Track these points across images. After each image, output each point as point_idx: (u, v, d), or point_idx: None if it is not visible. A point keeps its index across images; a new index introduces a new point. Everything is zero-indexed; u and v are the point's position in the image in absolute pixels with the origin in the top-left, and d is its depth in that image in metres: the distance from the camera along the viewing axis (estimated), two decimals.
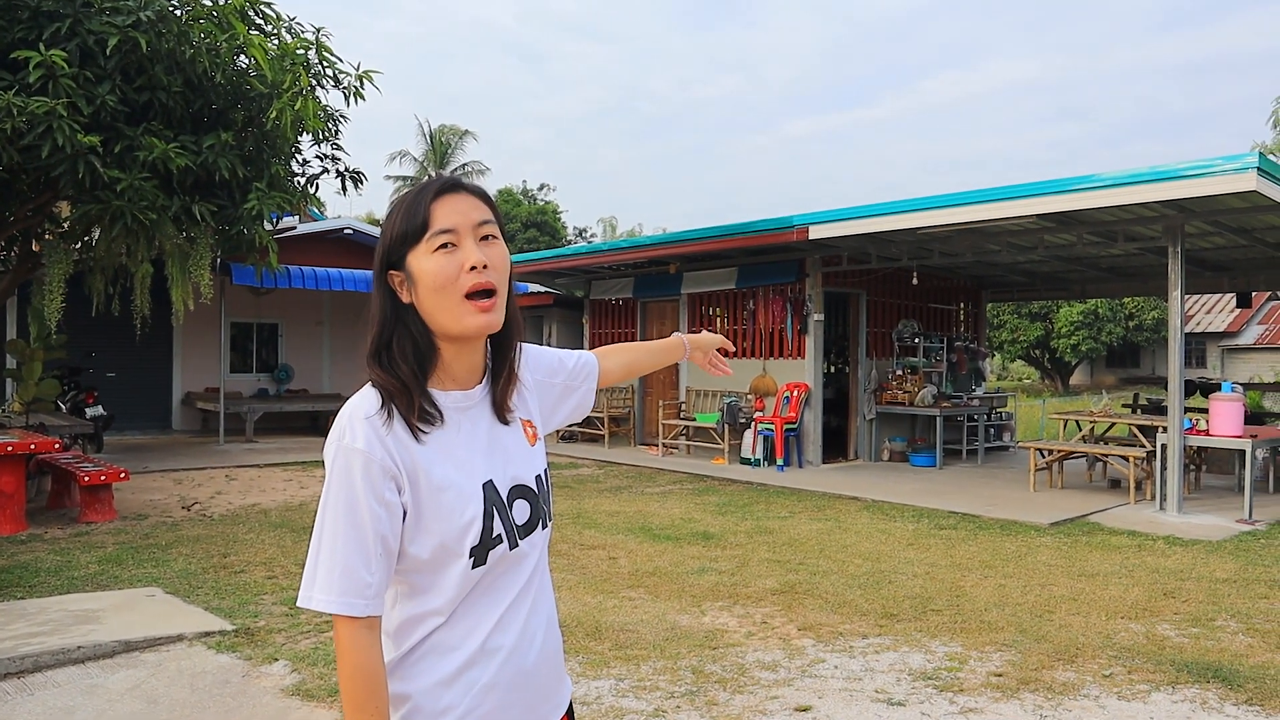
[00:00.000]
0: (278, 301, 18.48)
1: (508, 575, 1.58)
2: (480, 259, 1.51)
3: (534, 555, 1.63)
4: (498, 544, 1.54)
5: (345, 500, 1.46)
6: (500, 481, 1.58)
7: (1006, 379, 43.99)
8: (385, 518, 1.47)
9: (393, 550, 1.49)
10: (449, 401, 1.57)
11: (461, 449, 1.55)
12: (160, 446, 15.46)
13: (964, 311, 16.96)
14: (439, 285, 1.50)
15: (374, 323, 1.55)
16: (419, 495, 1.49)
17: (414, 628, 1.54)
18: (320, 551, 1.47)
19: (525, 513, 1.61)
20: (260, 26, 10.00)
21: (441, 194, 1.53)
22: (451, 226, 1.51)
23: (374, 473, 1.46)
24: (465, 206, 1.54)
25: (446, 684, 1.52)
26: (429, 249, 1.50)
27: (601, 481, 12.24)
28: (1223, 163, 8.46)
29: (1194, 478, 11.46)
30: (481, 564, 1.52)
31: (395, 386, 1.50)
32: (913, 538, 8.53)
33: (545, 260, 17.20)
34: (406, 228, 1.52)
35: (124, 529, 8.66)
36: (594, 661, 5.04)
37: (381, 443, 1.47)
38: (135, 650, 5.24)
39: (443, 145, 44.89)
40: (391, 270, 1.54)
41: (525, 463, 1.64)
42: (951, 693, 4.66)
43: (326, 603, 1.45)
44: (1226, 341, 37.47)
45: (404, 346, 1.53)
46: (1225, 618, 6.00)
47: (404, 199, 1.56)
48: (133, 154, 8.90)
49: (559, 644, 1.73)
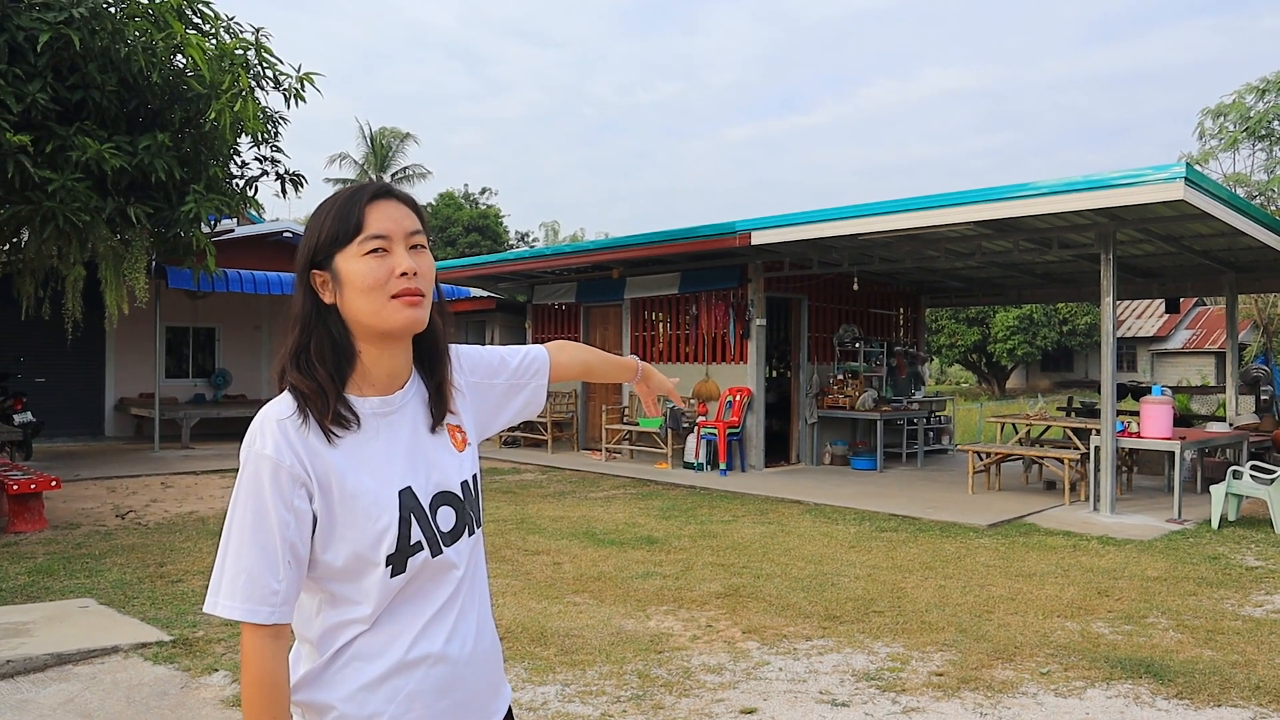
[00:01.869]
0: (215, 305, 18.17)
1: (434, 583, 1.57)
2: (411, 266, 1.51)
3: (463, 563, 1.62)
4: (417, 551, 1.53)
5: (253, 507, 1.45)
6: (421, 488, 1.56)
7: (945, 383, 44.67)
8: (294, 525, 1.46)
9: (302, 558, 1.48)
10: (367, 408, 1.55)
11: (379, 456, 1.54)
12: (93, 454, 15.09)
13: (903, 316, 17.20)
14: (368, 287, 1.49)
15: (294, 323, 1.54)
16: (331, 502, 1.48)
17: (337, 635, 1.53)
18: (227, 557, 1.46)
19: (450, 520, 1.59)
20: (198, 26, 9.84)
21: (376, 199, 1.54)
22: (385, 232, 1.51)
23: (283, 479, 1.45)
24: (398, 214, 1.54)
25: (370, 689, 1.51)
26: (360, 251, 1.50)
27: (545, 487, 12.20)
28: (1152, 173, 8.69)
29: (1126, 479, 11.74)
30: (401, 571, 1.51)
31: (311, 389, 1.49)
32: (855, 540, 8.63)
33: (487, 265, 17.11)
34: (338, 229, 1.51)
35: (55, 539, 8.44)
36: (539, 667, 5.02)
37: (292, 449, 1.47)
38: (68, 663, 5.11)
39: (383, 148, 44.45)
40: (315, 270, 1.53)
41: (450, 469, 1.63)
42: (894, 693, 4.72)
43: (230, 609, 1.44)
44: (1156, 346, 38.49)
45: (322, 349, 1.52)
46: (1156, 615, 6.16)
47: (335, 200, 1.55)
48: (65, 154, 8.69)
49: (496, 651, 1.72)
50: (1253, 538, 8.79)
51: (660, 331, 15.19)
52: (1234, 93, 20.93)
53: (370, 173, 44.09)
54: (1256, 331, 25.49)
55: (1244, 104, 20.55)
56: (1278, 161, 20.48)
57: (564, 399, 16.61)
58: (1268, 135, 20.29)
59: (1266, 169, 20.87)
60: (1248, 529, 9.19)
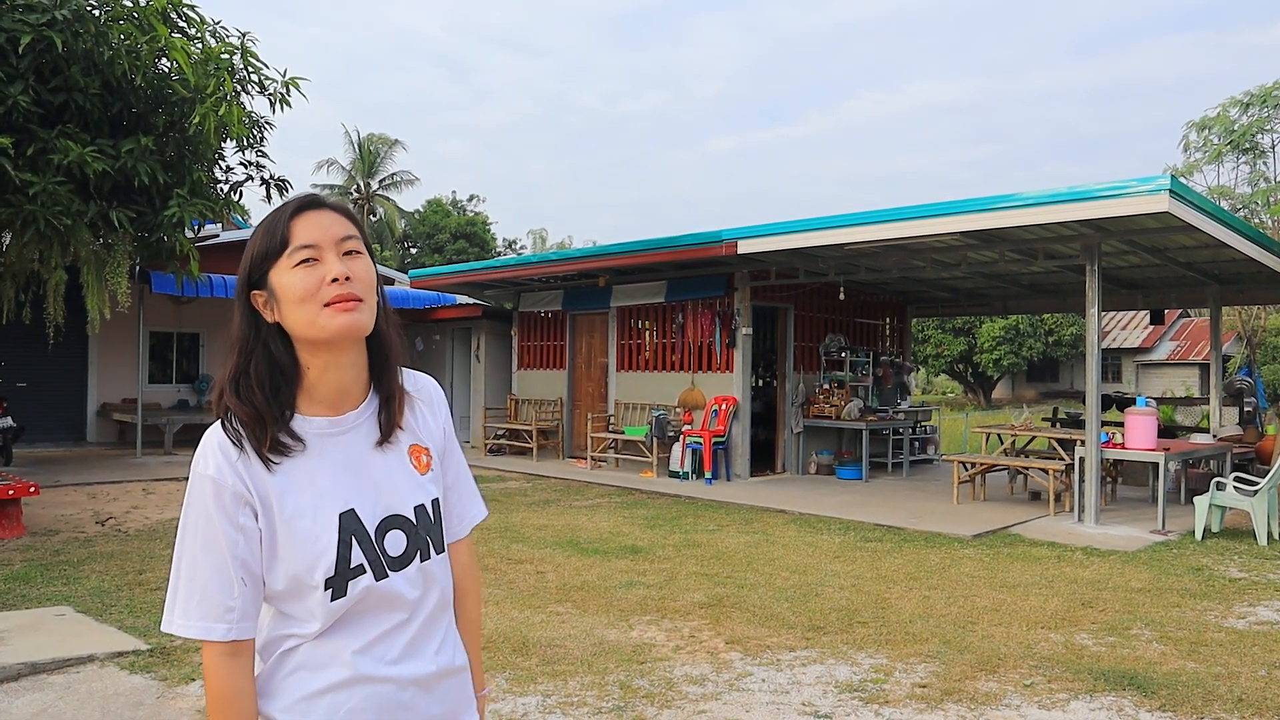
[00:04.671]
0: (199, 311, 18.08)
1: (384, 608, 1.53)
2: (342, 271, 1.49)
3: (414, 589, 1.56)
4: (358, 575, 1.49)
5: (202, 526, 1.45)
6: (367, 511, 1.52)
7: (931, 393, 44.78)
8: (243, 542, 1.45)
9: (256, 574, 1.47)
10: (312, 428, 1.53)
11: (323, 477, 1.51)
12: (74, 459, 14.96)
13: (890, 326, 17.23)
14: (300, 298, 1.47)
15: (233, 346, 1.53)
16: (272, 523, 1.47)
17: (279, 644, 1.51)
18: (180, 577, 1.46)
19: (400, 544, 1.55)
20: (183, 30, 9.79)
21: (301, 211, 1.52)
22: (312, 242, 1.50)
23: (225, 499, 1.45)
24: (326, 222, 1.52)
25: (311, 701, 1.49)
26: (290, 264, 1.48)
27: (529, 495, 12.16)
28: (1138, 184, 8.72)
29: (1110, 490, 11.77)
30: (341, 595, 1.48)
31: (248, 415, 1.47)
32: (839, 550, 8.61)
33: (474, 272, 17.07)
34: (267, 246, 1.50)
35: (33, 545, 8.35)
36: (521, 677, 4.98)
37: (233, 469, 1.46)
38: (42, 672, 5.04)
39: (371, 154, 44.37)
40: (254, 290, 1.52)
41: (405, 492, 1.58)
42: (877, 704, 4.69)
43: (185, 627, 1.44)
44: (1141, 357, 38.65)
45: (260, 371, 1.50)
46: (1140, 626, 6.16)
47: (262, 223, 1.54)
48: (47, 157, 8.62)
49: (459, 680, 1.66)
50: (1236, 549, 8.80)
51: (646, 340, 15.17)
52: (1219, 106, 21.08)
53: (358, 178, 44.02)
54: (1240, 343, 25.64)
55: (1229, 117, 20.69)
56: (1261, 175, 20.62)
57: (550, 407, 16.57)
58: (1252, 148, 20.43)
59: (1250, 182, 21.01)
60: (1231, 540, 9.21)
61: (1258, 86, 20.43)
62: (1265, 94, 20.15)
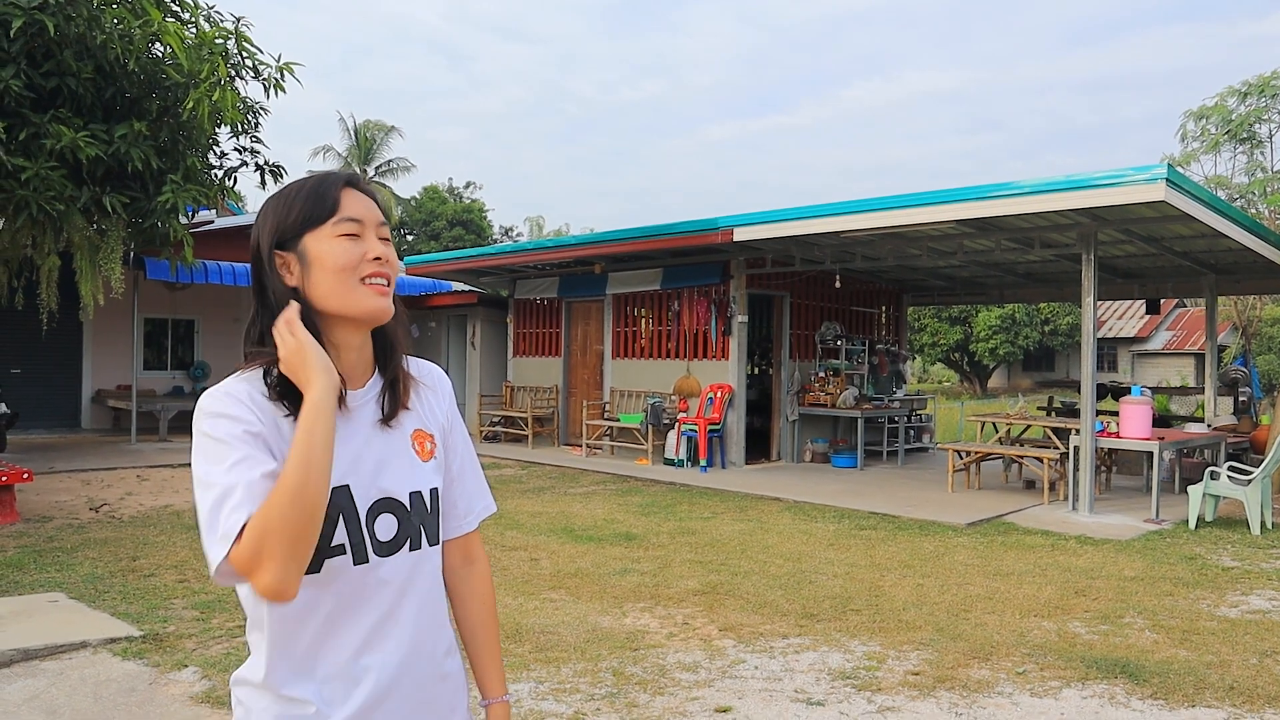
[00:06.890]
0: (194, 297, 18.02)
1: (365, 595, 1.48)
2: (384, 251, 1.52)
3: (398, 577, 1.52)
4: (336, 554, 1.44)
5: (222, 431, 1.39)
6: (360, 490, 1.48)
7: (926, 381, 44.82)
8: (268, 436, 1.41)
9: None
10: None
11: None
12: (68, 446, 14.94)
13: (886, 315, 17.21)
14: (341, 266, 1.47)
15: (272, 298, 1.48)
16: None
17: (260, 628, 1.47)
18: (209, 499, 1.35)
19: (390, 529, 1.51)
20: (177, 14, 9.69)
21: (349, 186, 1.53)
22: (359, 217, 1.51)
23: (238, 432, 1.39)
24: (369, 204, 1.55)
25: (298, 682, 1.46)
26: (334, 233, 1.48)
27: (524, 482, 12.15)
28: (1134, 173, 8.70)
29: (1105, 478, 11.79)
30: (314, 571, 1.41)
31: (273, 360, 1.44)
32: (833, 538, 8.62)
33: (470, 259, 17.04)
34: (313, 209, 1.49)
35: (26, 532, 8.34)
36: (514, 664, 4.98)
37: (248, 407, 1.42)
38: (35, 659, 5.03)
39: (367, 141, 44.23)
40: (279, 251, 1.49)
41: (404, 476, 1.55)
42: (870, 692, 4.70)
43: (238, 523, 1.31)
44: (1136, 346, 38.68)
45: None
46: (1133, 615, 6.17)
47: (304, 186, 1.52)
48: (39, 142, 8.55)
49: (449, 680, 1.63)
50: (1229, 538, 8.82)
51: (642, 327, 15.15)
52: (1216, 95, 21.01)
53: (354, 165, 43.85)
54: (1235, 333, 25.66)
55: (1226, 107, 20.64)
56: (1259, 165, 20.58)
57: (545, 394, 16.55)
58: (1249, 138, 20.38)
59: (1247, 172, 20.96)
60: (1224, 529, 9.23)
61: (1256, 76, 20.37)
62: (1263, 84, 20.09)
